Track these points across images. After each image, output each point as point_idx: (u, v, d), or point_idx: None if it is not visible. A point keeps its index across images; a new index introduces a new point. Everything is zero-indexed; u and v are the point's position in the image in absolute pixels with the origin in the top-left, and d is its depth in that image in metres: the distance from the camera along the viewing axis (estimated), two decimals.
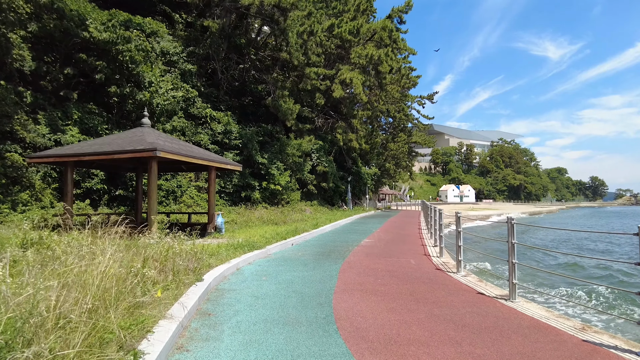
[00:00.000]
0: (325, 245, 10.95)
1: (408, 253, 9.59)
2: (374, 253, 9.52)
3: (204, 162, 11.24)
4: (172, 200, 17.12)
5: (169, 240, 6.08)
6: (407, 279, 6.44)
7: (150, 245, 6.63)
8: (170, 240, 6.13)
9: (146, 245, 6.62)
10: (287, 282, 6.20)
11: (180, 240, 7.36)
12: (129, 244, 7.08)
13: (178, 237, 7.66)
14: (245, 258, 7.90)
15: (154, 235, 9.34)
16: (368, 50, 25.40)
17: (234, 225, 14.68)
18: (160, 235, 8.67)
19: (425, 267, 7.70)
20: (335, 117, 28.82)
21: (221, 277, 6.34)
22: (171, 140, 11.44)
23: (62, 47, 14.83)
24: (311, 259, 8.62)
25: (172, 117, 17.99)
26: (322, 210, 24.34)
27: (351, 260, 8.43)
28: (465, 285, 6.12)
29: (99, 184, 14.79)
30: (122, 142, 10.28)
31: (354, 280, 6.30)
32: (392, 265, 7.82)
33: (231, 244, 9.44)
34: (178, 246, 6.45)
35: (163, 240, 6.87)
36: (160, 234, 7.66)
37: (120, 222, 7.12)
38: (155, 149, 9.27)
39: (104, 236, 7.59)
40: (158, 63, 18.61)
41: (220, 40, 21.59)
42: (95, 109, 15.54)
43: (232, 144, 19.79)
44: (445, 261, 8.43)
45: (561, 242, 26.20)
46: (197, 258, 6.80)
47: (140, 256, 5.62)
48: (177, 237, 7.70)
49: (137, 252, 5.88)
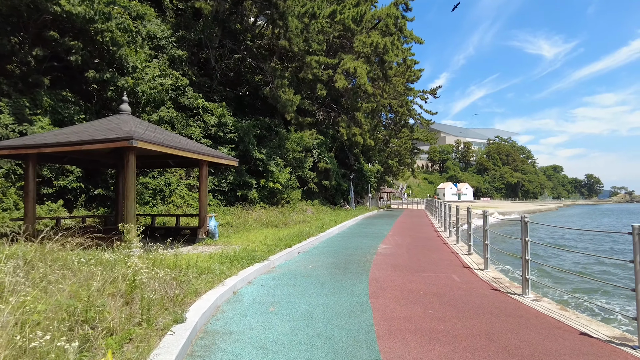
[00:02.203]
0: (338, 254, 9.23)
1: (442, 264, 7.90)
2: (401, 265, 7.81)
3: (194, 155, 9.46)
4: (159, 200, 15.29)
5: (137, 261, 4.32)
6: (467, 309, 4.74)
7: (119, 261, 4.88)
8: (140, 262, 4.36)
9: (113, 263, 4.86)
10: (304, 316, 4.47)
11: (155, 256, 5.60)
12: (90, 259, 5.31)
13: (158, 249, 5.91)
14: (244, 276, 6.15)
15: (132, 245, 7.55)
16: (373, 38, 23.65)
17: (229, 229, 12.90)
18: (137, 246, 6.89)
19: (476, 286, 6.01)
20: (338, 111, 27.05)
21: (212, 310, 4.59)
22: (154, 129, 9.64)
23: (32, 26, 12.92)
24: (326, 273, 6.90)
25: (160, 107, 16.14)
26: (324, 210, 22.61)
27: (377, 276, 6.71)
28: (552, 318, 4.42)
29: (74, 182, 12.93)
30: (94, 131, 8.47)
31: (397, 313, 4.58)
32: (433, 283, 6.12)
33: (226, 254, 7.70)
34: (151, 267, 4.71)
35: (135, 255, 5.11)
36: (135, 246, 5.93)
37: (95, 226, 5.38)
38: (131, 138, 7.48)
39: (63, 249, 5.83)
40: (144, 47, 16.73)
41: (214, 25, 19.74)
42: (71, 96, 13.64)
43: (227, 138, 17.97)
44: (495, 276, 6.73)
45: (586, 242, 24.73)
46: (180, 281, 5.04)
47: (95, 284, 3.86)
48: (156, 249, 5.95)
49: (91, 276, 4.12)
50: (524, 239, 5.49)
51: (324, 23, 22.54)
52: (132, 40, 15.80)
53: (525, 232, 5.49)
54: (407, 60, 30.19)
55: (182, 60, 18.35)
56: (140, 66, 15.00)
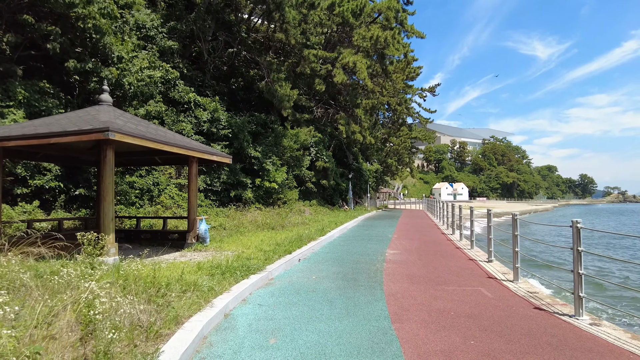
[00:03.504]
0: (343, 261, 8.26)
1: (463, 275, 6.95)
2: (417, 275, 6.86)
3: (182, 150, 8.44)
4: (147, 200, 14.22)
5: (94, 286, 3.32)
6: (517, 338, 3.79)
7: (82, 277, 3.88)
8: (101, 284, 3.37)
9: (66, 284, 3.85)
10: (315, 351, 3.49)
11: (128, 270, 4.61)
12: (42, 275, 4.29)
13: (138, 257, 4.92)
14: (238, 292, 5.15)
15: (107, 255, 6.55)
16: (373, 32, 22.70)
17: (221, 232, 11.88)
18: (114, 253, 5.92)
19: (514, 303, 5.07)
20: (336, 107, 26.08)
21: (197, 343, 3.60)
22: (138, 122, 8.60)
23: (4, 9, 11.80)
24: (333, 287, 5.93)
25: (148, 102, 15.06)
26: (322, 211, 21.62)
27: (393, 290, 5.75)
28: (632, 354, 3.49)
29: (53, 182, 11.83)
30: (67, 123, 7.42)
31: (430, 345, 3.62)
32: (462, 301, 5.17)
33: (217, 263, 6.70)
34: (122, 287, 3.72)
35: (103, 270, 4.12)
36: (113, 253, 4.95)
37: (55, 233, 4.44)
38: (107, 130, 6.45)
39: (24, 259, 4.81)
40: (132, 37, 15.63)
41: (207, 16, 18.68)
42: (50, 88, 12.52)
43: (220, 135, 16.91)
44: (530, 290, 5.80)
45: None
46: (158, 304, 4.04)
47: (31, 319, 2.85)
48: (135, 258, 4.96)
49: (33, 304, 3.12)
50: (576, 249, 4.56)
51: (322, 15, 21.57)
52: (119, 30, 14.74)
53: (578, 240, 4.56)
54: (407, 55, 29.30)
55: (173, 52, 17.27)
56: (126, 56, 13.92)
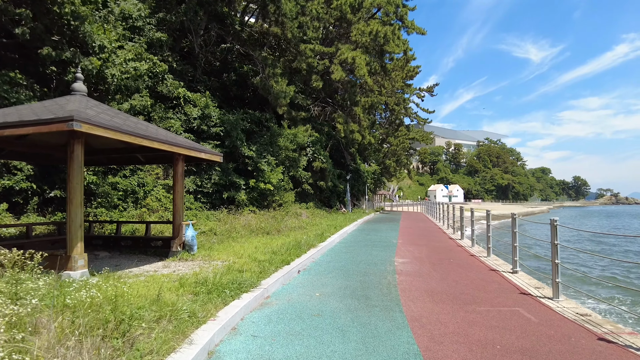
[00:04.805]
0: (349, 273, 7.25)
1: (490, 289, 5.97)
2: (438, 291, 5.87)
3: (165, 146, 7.36)
4: (131, 203, 13.10)
5: None
6: None
7: None
8: None
9: None
10: None
11: (81, 297, 3.56)
12: None
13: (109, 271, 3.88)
14: (227, 319, 4.11)
15: (73, 269, 5.50)
16: (372, 26, 21.78)
17: (212, 238, 10.80)
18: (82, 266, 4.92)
19: (569, 332, 4.09)
20: (333, 105, 25.09)
21: None
22: (114, 113, 7.53)
23: None
24: (342, 308, 4.92)
25: (134, 95, 13.96)
26: (319, 214, 20.60)
27: (416, 313, 4.75)
28: None
29: (24, 182, 10.70)
30: (29, 113, 6.34)
31: None
32: (503, 327, 4.18)
33: (204, 277, 5.66)
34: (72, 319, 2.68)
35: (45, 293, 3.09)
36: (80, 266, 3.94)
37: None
38: (70, 119, 5.38)
39: None
40: (117, 27, 14.52)
41: (198, 8, 17.61)
42: (22, 79, 11.36)
43: (212, 132, 15.82)
44: (580, 312, 4.83)
45: None
46: (116, 349, 3.00)
47: None
48: (105, 272, 3.92)
49: None
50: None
51: (319, 9, 20.60)
52: (104, 20, 13.66)
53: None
54: (407, 53, 28.42)
55: (162, 44, 16.14)
56: (109, 46, 12.79)
